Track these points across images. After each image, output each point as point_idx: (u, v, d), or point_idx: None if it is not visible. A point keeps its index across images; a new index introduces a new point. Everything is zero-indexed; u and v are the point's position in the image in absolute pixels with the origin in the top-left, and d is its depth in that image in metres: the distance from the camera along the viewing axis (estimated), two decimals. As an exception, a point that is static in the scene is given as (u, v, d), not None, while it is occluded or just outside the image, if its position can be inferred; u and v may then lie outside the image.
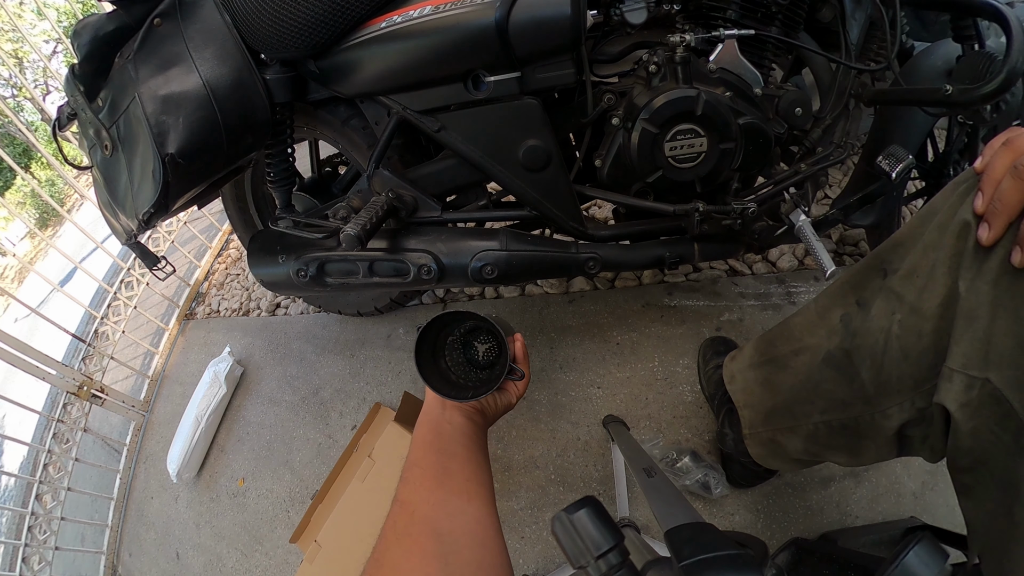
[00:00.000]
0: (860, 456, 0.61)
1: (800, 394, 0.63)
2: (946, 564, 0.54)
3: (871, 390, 0.53)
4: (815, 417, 0.62)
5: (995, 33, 0.74)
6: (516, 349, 0.61)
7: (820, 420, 0.61)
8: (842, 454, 0.63)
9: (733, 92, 0.75)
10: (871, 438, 0.57)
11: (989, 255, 0.40)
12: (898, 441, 0.55)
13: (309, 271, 0.91)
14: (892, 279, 0.50)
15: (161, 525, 1.51)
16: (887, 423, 0.53)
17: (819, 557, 0.74)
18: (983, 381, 0.41)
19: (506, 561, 0.43)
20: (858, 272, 0.56)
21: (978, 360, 0.42)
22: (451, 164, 0.89)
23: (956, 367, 0.43)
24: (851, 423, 0.58)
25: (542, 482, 1.05)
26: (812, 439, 0.64)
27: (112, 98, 0.79)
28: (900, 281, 0.49)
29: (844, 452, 0.62)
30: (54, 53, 9.35)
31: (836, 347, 0.57)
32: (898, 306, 0.49)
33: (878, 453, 0.58)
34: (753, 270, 1.21)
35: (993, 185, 0.39)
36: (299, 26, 0.74)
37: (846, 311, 0.57)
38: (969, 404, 0.43)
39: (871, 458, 0.60)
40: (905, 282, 0.49)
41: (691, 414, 1.03)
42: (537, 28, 0.70)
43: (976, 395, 0.42)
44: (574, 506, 0.37)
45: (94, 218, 1.36)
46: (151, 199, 0.78)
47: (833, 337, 0.58)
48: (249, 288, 1.92)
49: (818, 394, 0.60)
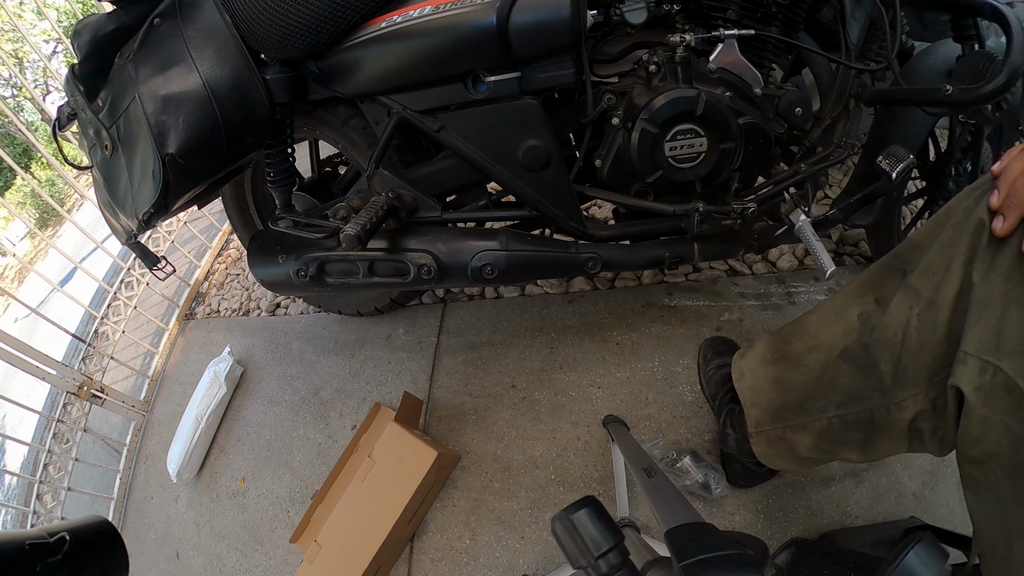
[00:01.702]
0: (872, 451, 0.61)
1: (815, 390, 0.64)
2: (946, 564, 0.54)
3: (888, 381, 0.54)
4: (830, 412, 0.62)
5: (995, 33, 0.74)
6: None
7: (835, 415, 0.62)
8: (854, 450, 0.63)
9: (733, 92, 0.75)
10: (885, 431, 0.57)
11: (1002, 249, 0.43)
12: (909, 434, 0.56)
13: (309, 271, 0.92)
14: (910, 277, 0.52)
15: (161, 525, 1.51)
16: (901, 415, 0.54)
17: (819, 557, 0.74)
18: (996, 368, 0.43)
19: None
20: (877, 272, 0.58)
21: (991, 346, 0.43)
22: (451, 164, 0.89)
23: (971, 351, 0.45)
24: (866, 416, 0.58)
25: (542, 482, 1.05)
26: (825, 435, 0.64)
27: (112, 98, 0.79)
28: (918, 278, 0.51)
29: (856, 447, 0.62)
30: (54, 53, 9.35)
31: (854, 342, 0.58)
32: (916, 300, 0.51)
33: (890, 446, 0.59)
34: (753, 270, 1.21)
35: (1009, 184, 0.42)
36: (299, 26, 0.74)
37: (864, 310, 0.58)
38: (983, 388, 0.44)
39: (883, 452, 0.61)
40: (922, 278, 0.50)
41: (691, 414, 1.03)
42: (537, 28, 0.70)
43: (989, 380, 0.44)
44: (574, 506, 0.37)
45: (94, 218, 1.36)
46: (151, 199, 0.78)
47: (850, 335, 0.59)
48: (249, 288, 1.92)
49: (834, 388, 0.61)
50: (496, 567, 0.99)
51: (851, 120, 0.83)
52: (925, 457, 0.89)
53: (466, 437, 1.15)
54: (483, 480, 1.09)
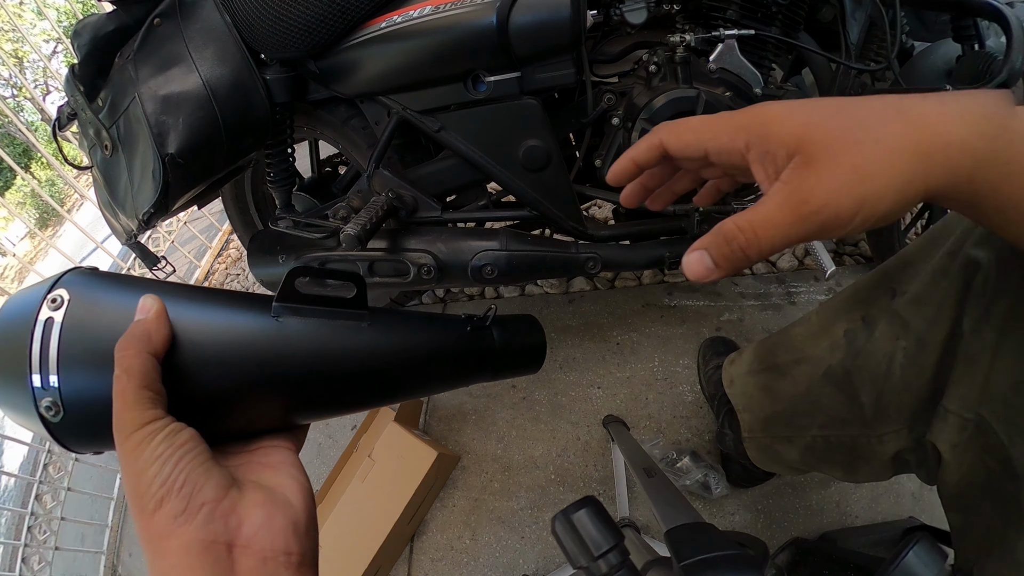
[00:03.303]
0: (855, 474, 0.61)
1: (800, 405, 0.63)
2: (945, 564, 0.54)
3: (869, 414, 0.53)
4: (813, 431, 0.62)
5: (995, 33, 0.74)
6: None
7: (819, 434, 0.61)
8: (837, 469, 0.63)
9: (733, 92, 0.75)
10: (866, 459, 0.57)
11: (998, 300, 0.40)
12: (893, 464, 0.55)
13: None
14: (899, 301, 0.49)
15: (161, 525, 1.51)
16: (882, 448, 0.53)
17: (819, 557, 0.74)
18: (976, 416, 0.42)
19: None
20: (864, 289, 0.56)
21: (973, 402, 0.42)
22: (451, 164, 0.89)
23: (952, 408, 0.44)
24: (848, 441, 0.57)
25: (542, 482, 1.05)
26: (809, 451, 0.64)
27: (112, 98, 0.79)
28: (907, 306, 0.48)
29: (839, 468, 0.62)
30: (54, 53, 9.36)
31: (838, 363, 0.56)
32: (903, 332, 0.48)
33: (872, 473, 0.58)
34: (753, 270, 1.21)
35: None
36: (299, 26, 0.74)
37: (851, 327, 0.56)
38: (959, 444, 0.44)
39: (865, 477, 0.60)
40: (912, 308, 0.48)
41: (691, 414, 1.03)
42: (537, 28, 0.70)
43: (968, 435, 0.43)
44: (574, 506, 0.37)
45: (94, 218, 1.36)
46: (151, 199, 0.78)
47: (836, 352, 0.57)
48: (249, 288, 1.92)
49: (818, 408, 0.60)
50: (496, 567, 0.99)
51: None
52: (925, 457, 0.89)
53: (466, 437, 1.15)
54: (483, 480, 1.09)
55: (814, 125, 0.26)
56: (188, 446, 0.25)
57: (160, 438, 0.24)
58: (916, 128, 0.25)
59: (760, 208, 0.27)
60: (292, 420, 0.33)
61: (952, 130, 0.25)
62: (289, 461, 0.30)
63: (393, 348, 0.34)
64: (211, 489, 0.24)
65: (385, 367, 0.34)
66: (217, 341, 0.29)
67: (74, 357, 0.26)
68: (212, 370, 0.29)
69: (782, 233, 0.26)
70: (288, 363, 0.30)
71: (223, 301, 0.31)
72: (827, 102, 0.28)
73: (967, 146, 0.25)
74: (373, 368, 0.34)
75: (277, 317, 0.31)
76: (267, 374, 0.30)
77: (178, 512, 0.23)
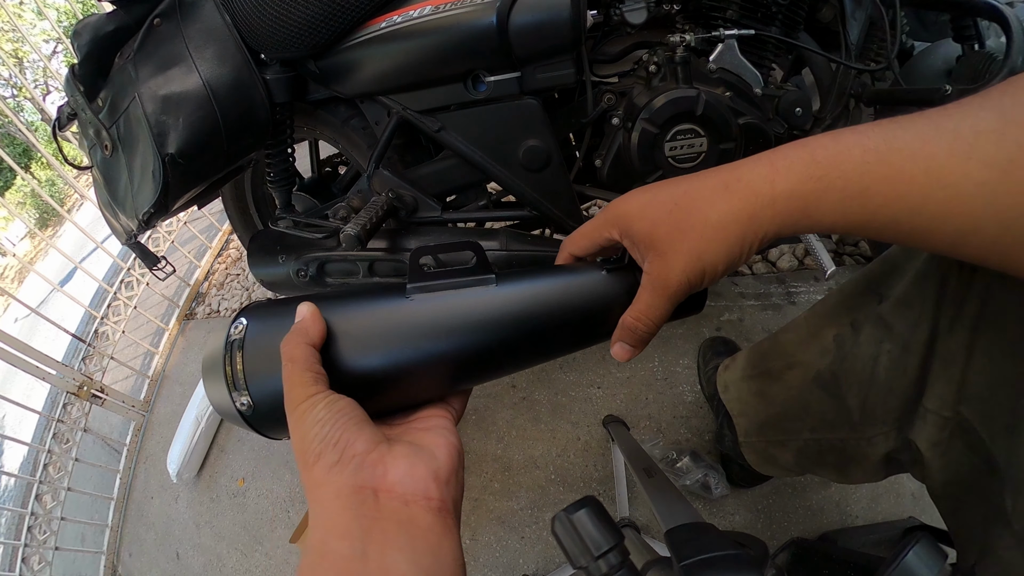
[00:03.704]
0: (848, 476, 0.61)
1: (792, 409, 0.63)
2: (946, 564, 0.54)
3: (857, 416, 0.54)
4: (805, 434, 0.62)
5: (995, 33, 0.74)
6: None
7: (810, 437, 0.62)
8: (831, 471, 0.63)
9: (733, 92, 0.75)
10: (857, 461, 0.57)
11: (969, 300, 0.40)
12: (885, 465, 0.55)
13: (309, 271, 0.92)
14: (885, 305, 0.50)
15: (161, 525, 1.51)
16: (872, 449, 0.54)
17: (819, 557, 0.74)
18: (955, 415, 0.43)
19: None
20: (852, 295, 0.56)
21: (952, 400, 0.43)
22: (451, 164, 0.89)
23: (931, 407, 0.45)
24: (839, 444, 0.58)
25: (542, 482, 1.05)
26: (802, 454, 0.64)
27: (112, 98, 0.79)
28: (892, 309, 0.49)
29: (832, 470, 0.62)
30: (54, 53, 9.36)
31: (826, 367, 0.57)
32: (887, 335, 0.49)
33: (865, 475, 0.58)
34: (753, 270, 1.21)
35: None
36: (299, 26, 0.74)
37: (840, 331, 0.56)
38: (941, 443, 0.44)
39: (859, 479, 0.60)
40: (896, 311, 0.48)
41: (691, 414, 1.03)
42: (537, 28, 0.70)
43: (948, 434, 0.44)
44: (574, 506, 0.37)
45: (94, 218, 1.36)
46: (151, 199, 0.78)
47: (826, 356, 0.57)
48: (249, 288, 1.92)
49: (808, 412, 0.61)
50: (496, 567, 0.99)
51: (851, 120, 0.83)
52: (925, 457, 0.89)
53: (466, 437, 1.15)
54: (483, 480, 1.09)
55: (659, 223, 0.34)
56: (345, 411, 0.29)
57: (321, 406, 0.29)
58: (740, 198, 0.31)
59: (640, 299, 0.35)
60: (443, 388, 0.36)
61: (779, 186, 0.30)
62: (442, 425, 0.34)
63: (527, 303, 0.36)
64: (362, 443, 0.28)
65: (524, 321, 0.35)
66: (363, 328, 0.34)
67: (256, 364, 0.33)
68: (362, 352, 0.34)
69: (660, 311, 0.35)
70: (428, 335, 0.34)
71: (364, 295, 0.36)
72: (667, 194, 0.34)
73: (795, 193, 0.30)
74: (512, 323, 0.35)
75: (410, 297, 0.35)
76: (411, 348, 0.34)
77: (332, 463, 0.27)
